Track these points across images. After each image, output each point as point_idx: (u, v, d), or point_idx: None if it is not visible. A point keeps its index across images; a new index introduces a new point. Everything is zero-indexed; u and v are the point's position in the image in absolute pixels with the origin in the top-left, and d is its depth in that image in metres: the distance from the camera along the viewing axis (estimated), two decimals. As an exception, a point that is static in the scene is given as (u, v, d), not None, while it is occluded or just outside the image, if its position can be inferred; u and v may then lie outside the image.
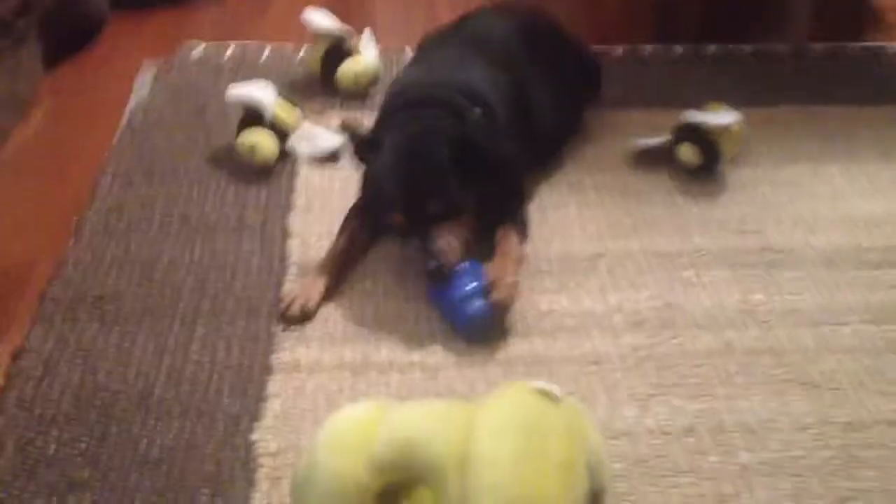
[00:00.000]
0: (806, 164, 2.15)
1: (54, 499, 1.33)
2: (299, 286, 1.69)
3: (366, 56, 2.34)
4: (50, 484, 1.35)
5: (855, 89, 2.44)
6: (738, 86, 2.43)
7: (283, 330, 1.63)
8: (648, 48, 2.60)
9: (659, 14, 2.73)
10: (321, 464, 1.14)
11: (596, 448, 1.16)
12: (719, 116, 2.06)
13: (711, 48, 2.60)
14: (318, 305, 1.67)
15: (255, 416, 1.47)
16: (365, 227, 1.81)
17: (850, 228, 1.94)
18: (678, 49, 2.59)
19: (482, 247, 1.72)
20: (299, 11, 2.39)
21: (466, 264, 1.65)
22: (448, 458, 1.09)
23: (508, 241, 1.73)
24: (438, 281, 1.64)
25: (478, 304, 1.61)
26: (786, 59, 2.58)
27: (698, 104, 2.13)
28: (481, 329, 1.62)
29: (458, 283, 1.63)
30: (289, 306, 1.65)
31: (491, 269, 1.65)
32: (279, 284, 1.74)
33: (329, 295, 1.70)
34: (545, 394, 1.15)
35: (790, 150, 2.20)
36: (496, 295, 1.61)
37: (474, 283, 1.63)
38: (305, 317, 1.65)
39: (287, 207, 1.95)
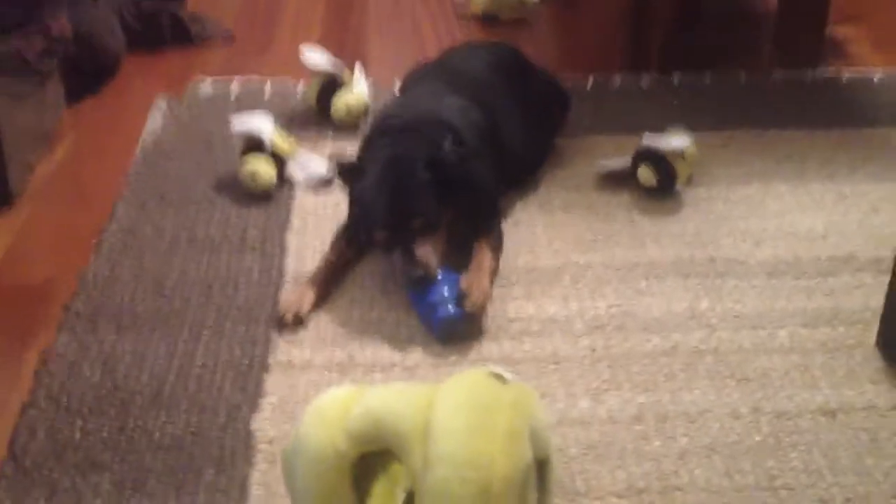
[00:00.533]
0: (758, 184, 2.33)
1: (79, 478, 1.52)
2: (293, 296, 1.90)
3: (357, 89, 2.55)
4: (75, 465, 1.54)
5: (809, 115, 2.61)
6: (699, 112, 2.61)
7: (280, 334, 1.84)
8: (617, 78, 2.80)
9: (628, 46, 2.92)
10: (306, 434, 1.33)
11: (539, 423, 1.34)
12: (674, 140, 2.25)
13: (676, 77, 2.80)
14: (309, 313, 1.88)
15: (254, 408, 1.66)
16: (351, 244, 2.02)
17: (792, 242, 2.12)
18: (645, 79, 2.80)
19: (457, 258, 1.91)
20: (298, 48, 2.59)
21: (440, 273, 1.85)
22: (412, 430, 1.28)
23: (483, 253, 1.93)
24: (420, 287, 1.84)
25: (450, 308, 1.81)
26: (745, 87, 2.78)
27: (660, 129, 2.34)
28: (453, 331, 1.82)
29: (434, 289, 1.83)
30: (284, 313, 1.85)
31: (465, 279, 1.85)
32: (276, 295, 1.93)
33: (319, 304, 1.90)
34: (496, 376, 1.35)
35: (744, 171, 2.38)
36: (469, 302, 1.81)
37: (446, 290, 1.83)
38: (298, 322, 1.85)
39: (284, 227, 2.14)
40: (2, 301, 1.97)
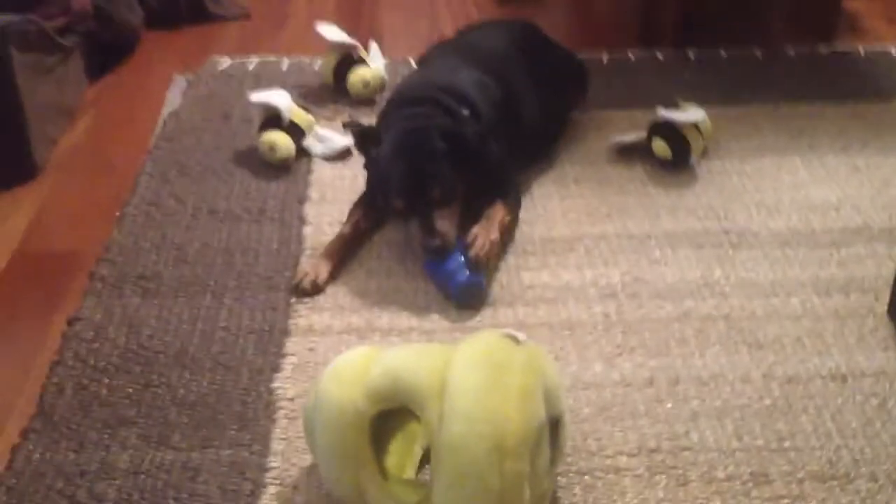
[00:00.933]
0: (772, 157, 2.36)
1: (107, 432, 1.57)
2: (310, 264, 1.93)
3: (373, 65, 2.59)
4: (102, 420, 1.59)
5: (822, 89, 2.64)
6: (714, 87, 2.65)
7: (297, 301, 1.87)
8: (632, 54, 2.83)
9: (643, 22, 2.94)
10: (326, 392, 1.37)
11: (552, 382, 1.38)
12: (688, 114, 2.28)
13: (691, 53, 2.82)
14: (327, 281, 1.91)
15: (275, 369, 1.71)
16: (368, 215, 2.05)
17: (806, 213, 2.15)
18: (660, 54, 2.82)
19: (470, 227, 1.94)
20: (314, 26, 2.63)
21: (457, 241, 1.89)
22: (429, 388, 1.32)
23: (494, 208, 1.96)
24: (438, 256, 1.87)
25: (467, 273, 1.85)
26: (760, 61, 2.80)
27: (675, 104, 2.36)
28: (470, 295, 1.85)
29: (451, 257, 1.87)
30: (301, 280, 1.89)
31: (473, 230, 1.89)
32: (295, 264, 1.97)
33: (336, 272, 1.94)
34: (510, 337, 1.38)
35: (758, 144, 2.41)
36: (473, 250, 1.84)
37: (463, 257, 1.87)
38: (316, 290, 1.89)
39: (302, 199, 2.19)
40: (29, 268, 2.02)
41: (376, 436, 1.41)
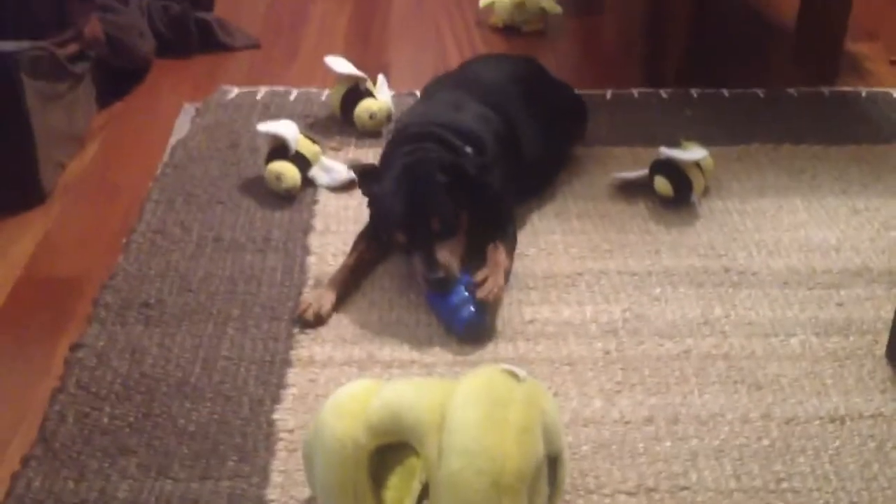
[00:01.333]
0: (773, 197, 2.38)
1: (107, 461, 1.58)
2: (314, 295, 1.95)
3: (380, 97, 2.62)
4: (103, 449, 1.60)
5: (824, 130, 2.65)
6: (716, 125, 2.66)
7: (299, 331, 1.88)
8: (636, 91, 2.86)
9: (647, 61, 2.98)
10: (326, 425, 1.38)
11: (551, 419, 1.39)
12: (690, 153, 2.30)
13: (694, 91, 2.85)
14: (330, 312, 1.93)
15: (275, 400, 1.71)
16: (371, 247, 2.07)
17: (806, 254, 2.16)
18: (663, 93, 2.85)
19: (473, 262, 1.96)
20: (323, 58, 2.66)
21: (460, 276, 1.91)
22: (428, 423, 1.33)
23: (497, 252, 1.97)
24: (441, 290, 1.89)
25: (472, 308, 1.86)
26: (762, 101, 2.82)
27: (677, 142, 2.39)
28: (474, 331, 1.87)
29: (455, 291, 1.88)
30: (304, 311, 1.91)
31: (480, 273, 1.90)
32: (299, 294, 1.99)
33: (339, 304, 1.95)
34: (510, 373, 1.39)
35: (759, 184, 2.43)
36: (481, 293, 1.86)
37: (466, 293, 1.88)
38: (319, 321, 1.90)
39: (307, 229, 2.20)
40: (34, 293, 2.03)
41: (375, 470, 1.41)
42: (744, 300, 2.02)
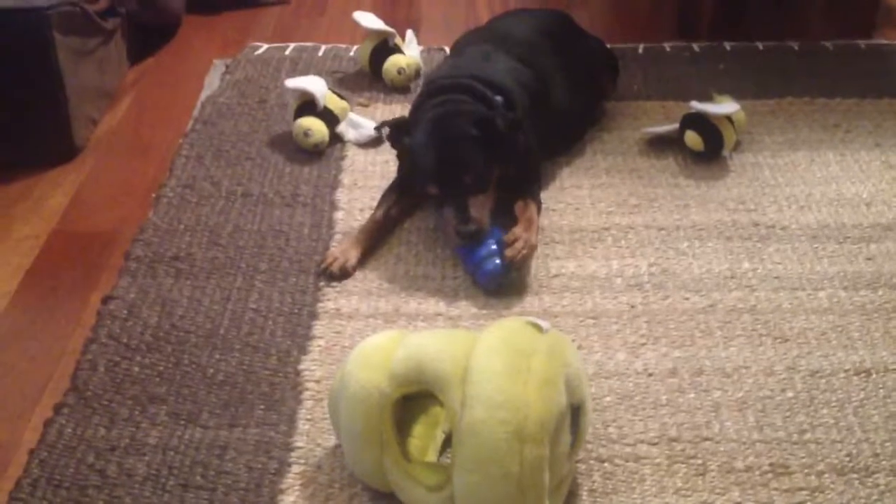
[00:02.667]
0: (805, 151, 2.35)
1: (137, 409, 1.61)
2: (340, 249, 1.96)
3: (409, 53, 2.61)
4: (133, 397, 1.64)
5: (859, 84, 2.62)
6: (749, 79, 2.64)
7: (326, 284, 1.90)
8: (668, 45, 2.82)
9: (681, 14, 2.94)
10: (351, 375, 1.40)
11: (574, 370, 1.39)
12: (722, 106, 2.28)
13: (727, 45, 2.81)
14: (356, 266, 1.94)
15: (302, 351, 1.74)
16: (399, 202, 2.07)
17: (836, 208, 2.14)
18: (696, 46, 2.81)
19: (501, 216, 1.96)
20: (352, 14, 2.65)
21: (491, 229, 1.91)
22: (452, 373, 1.34)
23: (528, 209, 1.97)
24: (472, 241, 1.89)
25: (497, 261, 1.87)
26: (796, 54, 2.78)
27: (709, 96, 2.37)
28: (497, 283, 1.87)
29: (483, 244, 1.88)
30: (330, 264, 1.92)
31: (513, 230, 1.90)
32: (326, 248, 2.00)
33: (365, 258, 1.97)
34: (534, 325, 1.40)
35: (791, 138, 2.40)
36: (510, 252, 1.86)
37: (494, 246, 1.88)
38: (345, 275, 1.91)
39: (335, 184, 2.22)
40: (67, 246, 2.07)
41: (400, 419, 1.44)
42: (772, 254, 2.00)
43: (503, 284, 1.88)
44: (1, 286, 1.94)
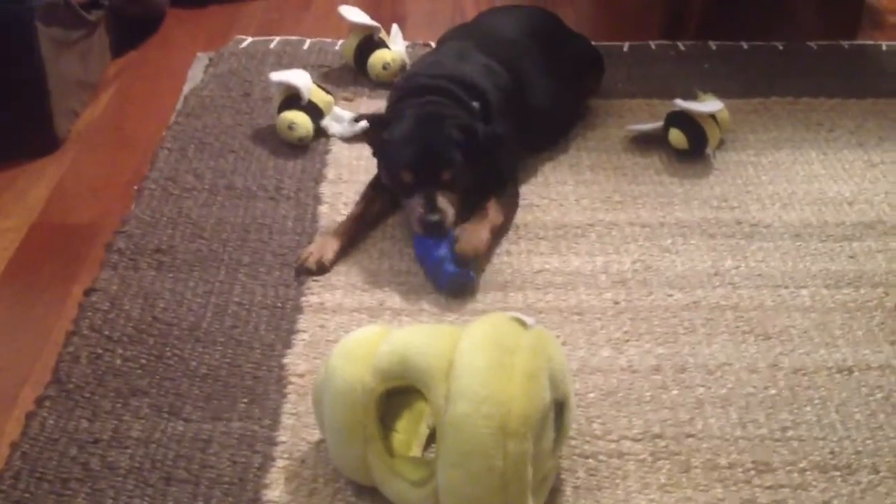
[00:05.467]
0: (788, 149, 2.36)
1: (120, 402, 1.60)
2: (317, 244, 1.95)
3: (394, 48, 2.60)
4: (116, 389, 1.62)
5: (842, 83, 2.63)
6: (734, 78, 2.65)
7: (309, 278, 1.88)
8: (654, 44, 2.83)
9: (666, 13, 2.94)
10: (335, 369, 1.40)
11: (558, 365, 1.39)
12: (706, 105, 2.28)
13: (712, 44, 2.82)
14: (333, 261, 1.93)
15: (286, 345, 1.73)
16: (380, 197, 2.06)
17: (819, 207, 2.15)
18: (681, 45, 2.82)
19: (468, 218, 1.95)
20: (337, 8, 2.64)
21: (451, 232, 1.89)
22: (436, 368, 1.34)
23: (488, 207, 1.96)
24: (435, 233, 1.88)
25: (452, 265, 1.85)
26: (781, 54, 2.80)
27: (694, 94, 2.37)
28: (459, 285, 1.85)
29: (442, 245, 1.87)
30: (306, 259, 1.91)
31: (462, 226, 1.89)
32: (310, 242, 1.99)
33: (344, 253, 1.95)
34: (518, 321, 1.40)
35: (775, 136, 2.41)
36: (459, 245, 1.85)
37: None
38: (321, 270, 1.90)
39: (319, 178, 2.21)
40: (48, 238, 2.05)
41: (384, 414, 1.44)
42: (755, 252, 2.01)
43: (465, 287, 1.86)
44: (-19, 278, 1.92)
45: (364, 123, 2.07)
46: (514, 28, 2.31)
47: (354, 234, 2.00)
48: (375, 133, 2.03)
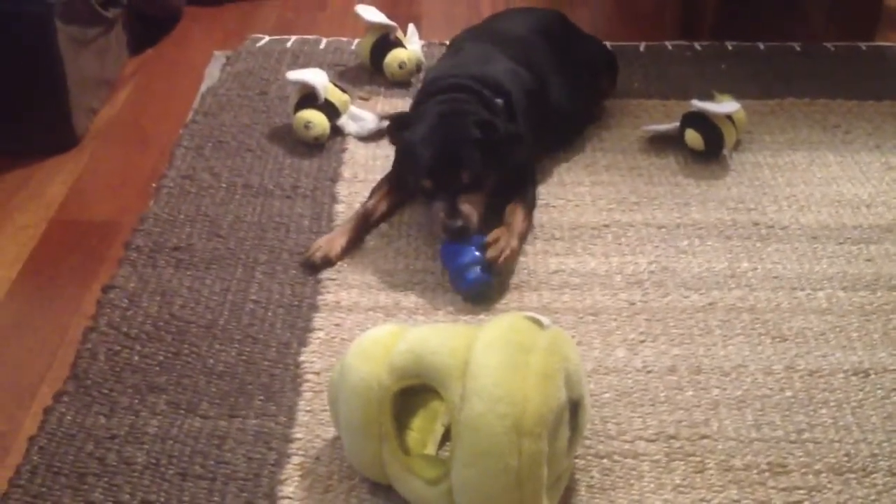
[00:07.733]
0: (805, 151, 2.36)
1: (137, 398, 1.61)
2: (325, 239, 1.95)
3: (410, 47, 2.61)
4: (133, 386, 1.63)
5: (859, 85, 2.63)
6: (751, 79, 2.65)
7: (309, 275, 1.89)
8: (670, 44, 2.82)
9: (683, 13, 2.94)
10: (351, 367, 1.40)
11: (574, 365, 1.39)
12: (722, 106, 2.28)
13: (729, 44, 2.82)
14: (340, 256, 1.93)
15: (302, 343, 1.74)
16: (391, 195, 2.07)
17: (837, 209, 2.15)
18: (697, 45, 2.81)
19: (490, 222, 1.94)
20: (354, 7, 2.64)
21: (475, 237, 1.89)
22: (452, 367, 1.34)
23: (515, 214, 1.96)
24: (458, 239, 1.88)
25: (478, 270, 1.84)
26: (798, 55, 2.79)
27: (710, 95, 2.37)
28: (478, 291, 1.84)
29: (466, 250, 1.86)
30: (312, 254, 1.92)
31: (493, 233, 1.89)
32: (327, 241, 2.01)
33: (351, 248, 1.96)
34: (534, 320, 1.40)
35: (792, 138, 2.41)
36: (491, 252, 1.84)
37: (477, 253, 1.85)
38: (327, 264, 1.91)
39: (335, 177, 2.21)
40: (66, 235, 2.06)
41: (399, 412, 1.44)
42: (771, 254, 2.01)
43: (484, 294, 1.86)
44: (0, 275, 1.93)
45: (386, 122, 2.08)
46: (529, 30, 2.31)
47: (363, 230, 2.01)
48: (398, 132, 2.03)
